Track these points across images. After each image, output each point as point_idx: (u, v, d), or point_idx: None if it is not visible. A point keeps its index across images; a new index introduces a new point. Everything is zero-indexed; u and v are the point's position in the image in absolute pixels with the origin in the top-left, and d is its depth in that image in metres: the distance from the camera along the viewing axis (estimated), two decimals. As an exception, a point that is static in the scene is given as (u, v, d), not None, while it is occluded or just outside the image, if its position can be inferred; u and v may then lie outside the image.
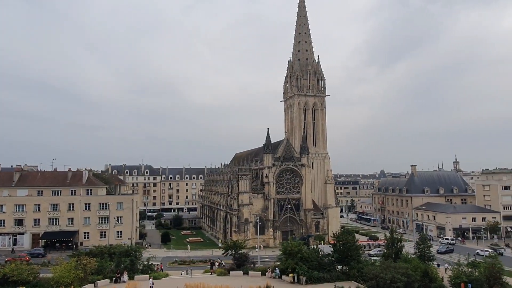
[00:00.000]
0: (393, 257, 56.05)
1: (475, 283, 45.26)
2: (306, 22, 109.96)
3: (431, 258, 59.97)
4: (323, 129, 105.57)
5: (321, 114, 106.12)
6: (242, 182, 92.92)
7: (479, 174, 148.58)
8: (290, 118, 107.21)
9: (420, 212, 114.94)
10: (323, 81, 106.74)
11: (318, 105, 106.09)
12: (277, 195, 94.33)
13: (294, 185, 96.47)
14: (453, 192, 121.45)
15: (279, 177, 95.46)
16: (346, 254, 54.54)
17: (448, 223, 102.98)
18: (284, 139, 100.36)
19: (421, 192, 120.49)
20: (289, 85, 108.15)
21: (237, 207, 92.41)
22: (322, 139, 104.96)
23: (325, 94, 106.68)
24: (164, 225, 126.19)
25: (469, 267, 48.44)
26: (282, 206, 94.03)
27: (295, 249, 53.46)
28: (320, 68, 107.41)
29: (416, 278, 47.62)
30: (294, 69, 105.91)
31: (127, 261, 52.26)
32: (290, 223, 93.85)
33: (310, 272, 51.68)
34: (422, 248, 60.30)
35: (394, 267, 47.95)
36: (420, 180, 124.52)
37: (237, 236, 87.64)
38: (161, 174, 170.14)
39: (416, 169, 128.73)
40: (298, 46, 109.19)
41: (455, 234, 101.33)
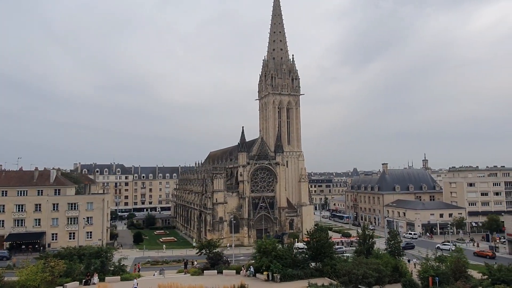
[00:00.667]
0: (365, 253, 57.24)
1: (442, 276, 46.83)
2: (281, 21, 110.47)
3: (401, 254, 61.69)
4: (297, 127, 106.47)
5: (296, 112, 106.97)
6: (217, 180, 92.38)
7: (446, 172, 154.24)
8: (265, 117, 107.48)
9: (391, 209, 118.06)
10: (297, 80, 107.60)
11: (292, 104, 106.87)
12: (251, 194, 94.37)
13: (269, 183, 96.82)
14: (422, 189, 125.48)
15: (253, 175, 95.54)
16: (320, 251, 55.23)
17: (417, 219, 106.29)
18: (259, 137, 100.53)
19: (392, 190, 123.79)
20: (264, 84, 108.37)
21: (212, 206, 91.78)
22: (296, 138, 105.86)
23: (299, 93, 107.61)
24: (136, 225, 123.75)
25: (437, 262, 50.06)
26: (256, 205, 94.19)
27: (269, 247, 53.68)
28: (295, 67, 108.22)
29: (386, 273, 48.80)
30: (269, 67, 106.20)
31: (98, 262, 50.86)
32: (264, 221, 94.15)
33: (284, 270, 52.01)
34: (392, 244, 61.91)
35: (366, 263, 48.94)
36: (391, 178, 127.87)
37: (211, 235, 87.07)
38: (133, 173, 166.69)
39: (387, 167, 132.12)
40: (273, 45, 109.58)
41: (424, 230, 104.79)
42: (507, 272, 46.55)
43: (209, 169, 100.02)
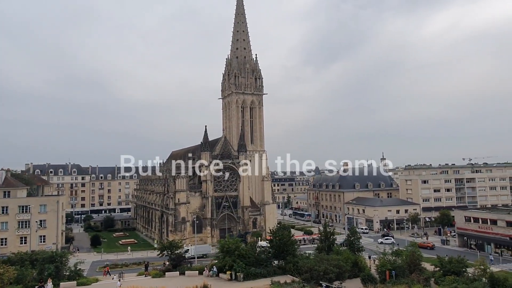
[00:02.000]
0: (326, 250, 58.57)
1: (398, 270, 48.87)
2: (244, 20, 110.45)
3: (360, 249, 63.71)
4: (260, 127, 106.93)
5: (259, 112, 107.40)
6: (179, 180, 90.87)
7: (403, 170, 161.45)
8: (228, 116, 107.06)
9: (351, 206, 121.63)
10: (260, 80, 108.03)
11: (256, 103, 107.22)
12: (214, 193, 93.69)
13: (232, 183, 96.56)
14: (380, 187, 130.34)
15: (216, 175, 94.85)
16: (282, 249, 55.96)
17: (376, 215, 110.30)
18: (222, 136, 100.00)
19: (352, 188, 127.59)
20: (227, 83, 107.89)
21: (174, 206, 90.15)
22: (260, 137, 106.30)
23: (262, 92, 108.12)
24: (94, 228, 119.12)
25: (393, 256, 52.13)
26: (220, 204, 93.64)
27: (232, 246, 53.60)
28: (258, 67, 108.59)
29: (346, 268, 50.25)
30: (232, 66, 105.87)
31: (52, 267, 48.45)
32: (228, 221, 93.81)
33: (248, 269, 52.17)
34: (352, 240, 63.76)
35: (327, 259, 50.12)
36: (351, 176, 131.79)
37: (173, 236, 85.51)
38: (91, 174, 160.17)
39: (348, 165, 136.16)
40: (236, 44, 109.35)
41: (382, 226, 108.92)
42: (457, 264, 49.45)
43: (171, 169, 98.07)
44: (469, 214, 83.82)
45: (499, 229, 74.35)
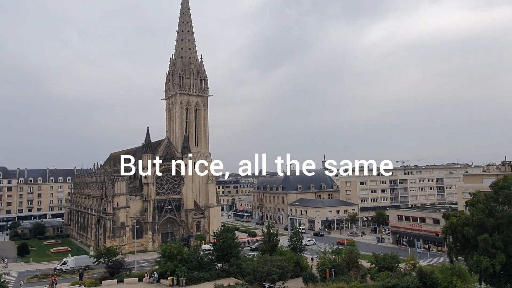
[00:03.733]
0: (269, 251, 59.05)
1: (338, 268, 50.63)
2: (189, 20, 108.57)
3: (302, 249, 65.09)
4: (205, 129, 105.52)
5: (204, 114, 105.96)
6: (118, 183, 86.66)
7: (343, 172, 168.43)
8: (172, 117, 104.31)
9: (294, 207, 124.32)
10: (206, 81, 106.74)
11: (200, 105, 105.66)
12: (157, 196, 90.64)
13: (175, 185, 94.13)
14: (321, 188, 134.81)
15: (159, 177, 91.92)
16: (226, 252, 55.49)
17: (317, 216, 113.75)
18: (165, 138, 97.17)
19: (295, 189, 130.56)
20: (171, 83, 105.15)
21: (112, 211, 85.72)
22: (204, 139, 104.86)
23: (207, 94, 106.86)
24: (21, 235, 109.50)
25: (333, 255, 53.95)
26: (162, 207, 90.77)
27: (174, 250, 52.16)
28: (203, 68, 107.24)
29: (289, 268, 51.06)
30: (177, 67, 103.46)
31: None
32: (170, 225, 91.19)
33: (190, 273, 51.06)
34: (295, 241, 64.94)
35: (270, 260, 50.57)
36: (294, 178, 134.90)
37: (111, 242, 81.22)
38: (18, 177, 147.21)
39: (291, 168, 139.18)
40: (181, 44, 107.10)
41: (323, 226, 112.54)
42: (390, 260, 52.37)
43: (110, 171, 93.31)
44: (401, 213, 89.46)
45: (427, 226, 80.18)
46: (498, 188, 40.99)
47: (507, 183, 40.40)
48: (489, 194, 41.84)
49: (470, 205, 43.31)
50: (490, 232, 39.42)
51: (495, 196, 40.97)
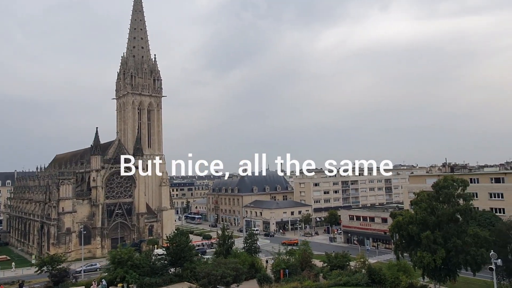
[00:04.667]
0: (224, 254, 58.51)
1: (291, 268, 51.23)
2: (142, 17, 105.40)
3: (257, 251, 65.17)
4: (158, 130, 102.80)
5: (157, 114, 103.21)
6: (64, 187, 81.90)
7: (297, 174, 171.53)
8: (123, 118, 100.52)
9: (249, 209, 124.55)
10: (159, 81, 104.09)
11: (154, 105, 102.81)
12: (106, 200, 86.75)
13: (127, 188, 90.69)
14: (276, 190, 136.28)
15: (109, 180, 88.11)
16: (180, 256, 54.19)
17: (272, 217, 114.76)
18: (116, 139, 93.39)
19: (251, 191, 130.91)
20: (122, 83, 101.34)
21: (57, 216, 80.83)
22: (158, 141, 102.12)
23: (161, 94, 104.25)
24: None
25: (287, 255, 54.54)
26: (112, 212, 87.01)
27: (125, 256, 50.12)
28: (157, 67, 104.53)
29: (243, 270, 50.79)
30: (129, 66, 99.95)
31: None
32: (121, 229, 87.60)
33: (142, 279, 49.30)
34: (249, 242, 64.89)
35: (225, 262, 50.00)
36: (250, 180, 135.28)
37: (56, 249, 76.51)
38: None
39: (246, 170, 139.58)
40: (133, 42, 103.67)
41: (278, 227, 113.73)
42: (342, 259, 53.87)
43: (55, 174, 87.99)
44: (353, 213, 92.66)
45: (376, 225, 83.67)
46: (439, 188, 43.62)
47: (447, 183, 43.10)
48: (431, 193, 44.40)
49: (414, 204, 45.72)
50: (432, 229, 41.82)
51: (436, 195, 43.55)
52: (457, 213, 42.60)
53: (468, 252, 39.62)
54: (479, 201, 64.45)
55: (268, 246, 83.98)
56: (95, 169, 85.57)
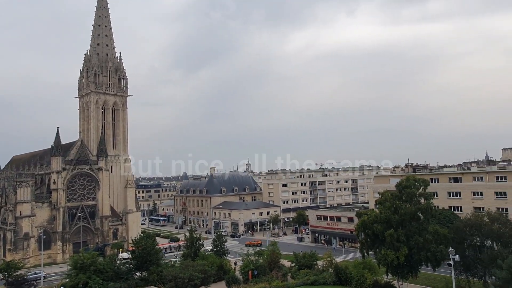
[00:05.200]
0: (192, 256, 57.75)
1: (260, 269, 51.27)
2: (107, 14, 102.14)
3: (225, 252, 64.80)
4: (124, 130, 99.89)
5: (123, 114, 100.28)
6: (22, 190, 77.86)
7: (266, 174, 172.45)
8: (87, 117, 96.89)
9: (218, 210, 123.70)
10: (125, 80, 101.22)
11: (119, 105, 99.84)
12: (68, 203, 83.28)
13: (90, 191, 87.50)
14: (245, 191, 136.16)
15: (71, 182, 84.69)
16: (146, 259, 53.01)
17: (241, 218, 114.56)
18: (79, 140, 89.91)
19: (219, 192, 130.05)
20: (85, 81, 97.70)
21: (14, 220, 76.75)
22: (123, 141, 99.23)
23: (127, 93, 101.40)
24: None
25: (256, 256, 54.53)
26: (74, 215, 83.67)
27: (87, 261, 48.38)
28: (123, 66, 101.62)
29: (212, 272, 50.42)
30: (92, 63, 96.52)
31: None
32: (84, 233, 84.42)
33: (105, 284, 47.87)
34: (218, 244, 64.43)
35: (192, 265, 49.49)
36: (218, 181, 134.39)
37: (12, 255, 72.65)
38: None
39: (215, 171, 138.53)
40: (98, 39, 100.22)
41: (246, 228, 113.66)
42: (309, 258, 54.60)
43: (12, 176, 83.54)
44: (320, 213, 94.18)
45: (343, 225, 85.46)
46: (402, 188, 45.13)
47: (409, 183, 44.67)
48: (395, 193, 45.86)
49: (379, 203, 47.07)
50: (395, 227, 43.20)
51: (400, 195, 45.03)
52: (419, 211, 44.22)
53: (429, 249, 41.22)
54: (439, 200, 67.36)
55: (237, 248, 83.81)
56: (55, 170, 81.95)
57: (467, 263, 43.25)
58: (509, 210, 59.27)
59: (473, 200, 65.61)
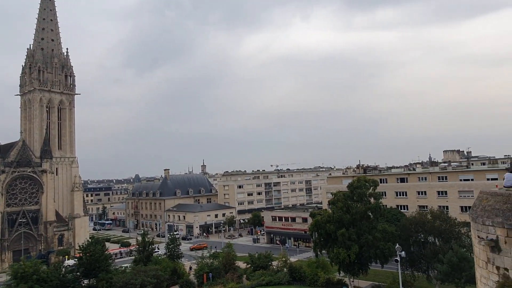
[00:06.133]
0: (144, 261, 55.87)
1: (215, 271, 50.72)
2: (53, 7, 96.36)
3: (179, 256, 63.41)
4: (71, 130, 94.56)
5: (69, 114, 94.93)
6: (-47, 194, 71.16)
7: (221, 176, 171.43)
8: (29, 116, 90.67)
9: (172, 213, 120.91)
10: (72, 77, 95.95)
11: (65, 104, 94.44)
12: (7, 208, 77.35)
13: (32, 194, 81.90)
14: (200, 193, 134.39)
15: (11, 186, 78.78)
16: (94, 266, 50.56)
17: (196, 221, 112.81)
18: (20, 140, 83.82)
19: (173, 195, 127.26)
20: (28, 77, 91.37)
21: None
22: (70, 142, 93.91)
23: (74, 92, 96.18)
24: None
25: (211, 259, 53.88)
26: (14, 221, 77.86)
27: (29, 270, 45.23)
28: (70, 63, 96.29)
29: (165, 277, 49.06)
30: (36, 59, 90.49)
31: None
32: (25, 240, 78.68)
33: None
34: (172, 248, 62.88)
35: (144, 270, 47.91)
36: (173, 183, 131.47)
37: None
38: None
39: (169, 172, 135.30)
40: (42, 34, 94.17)
41: (201, 230, 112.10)
42: (264, 259, 54.85)
43: None
44: (275, 214, 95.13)
45: (297, 225, 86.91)
46: (353, 188, 46.71)
47: (360, 184, 46.35)
48: (347, 193, 47.36)
49: (332, 203, 48.37)
50: (347, 226, 44.62)
51: (351, 195, 46.57)
52: (369, 211, 46.00)
53: (378, 247, 43.01)
54: (387, 199, 70.50)
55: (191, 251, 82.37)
56: (-7, 173, 75.77)
57: (412, 258, 45.58)
58: (449, 207, 63.38)
59: (417, 199, 69.43)
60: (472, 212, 14.68)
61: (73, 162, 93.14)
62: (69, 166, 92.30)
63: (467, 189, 63.59)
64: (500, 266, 12.72)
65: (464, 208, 61.15)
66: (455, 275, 37.18)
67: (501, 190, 14.26)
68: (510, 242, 12.36)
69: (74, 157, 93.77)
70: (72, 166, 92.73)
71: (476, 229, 14.16)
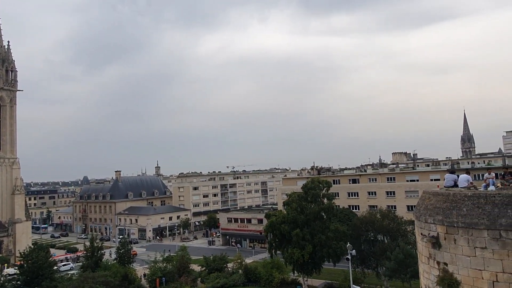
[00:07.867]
0: (92, 267, 53.29)
1: (168, 275, 49.46)
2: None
3: (130, 261, 61.13)
4: (12, 129, 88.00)
5: (10, 111, 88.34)
6: None
7: (176, 178, 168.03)
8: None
9: (123, 216, 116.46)
10: (14, 72, 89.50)
11: (6, 100, 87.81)
12: None
13: (-33, 198, 75.20)
14: (154, 195, 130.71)
15: None
16: (37, 274, 47.49)
17: (149, 224, 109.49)
18: (-47, 139, 76.80)
19: (125, 197, 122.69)
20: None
21: None
22: (11, 142, 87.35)
23: (16, 88, 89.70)
24: None
25: (164, 262, 52.47)
26: None
27: (-40, 281, 41.27)
28: (11, 56, 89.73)
29: (115, 283, 47.03)
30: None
31: None
32: (-43, 249, 72.18)
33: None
34: (122, 252, 60.46)
35: (93, 277, 45.64)
36: (124, 185, 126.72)
37: None
38: None
39: (120, 174, 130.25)
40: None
41: (155, 234, 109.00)
42: (219, 261, 54.39)
43: None
44: (231, 216, 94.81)
45: (253, 226, 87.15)
46: (307, 189, 47.59)
47: (314, 185, 47.34)
48: (301, 194, 48.14)
49: (286, 204, 48.95)
50: (301, 227, 45.36)
51: (305, 196, 47.41)
52: (322, 211, 47.08)
53: (330, 246, 44.15)
54: (340, 200, 72.74)
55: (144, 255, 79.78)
56: None
57: (362, 256, 47.28)
58: (397, 207, 66.61)
59: (368, 199, 72.33)
60: (416, 211, 15.41)
61: (14, 163, 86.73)
62: (9, 168, 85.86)
63: (413, 189, 67.20)
64: (440, 261, 13.41)
65: (410, 207, 64.39)
66: (401, 271, 39.05)
67: (442, 190, 15.07)
68: (450, 239, 13.06)
69: (15, 158, 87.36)
70: (13, 167, 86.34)
71: (419, 226, 14.85)
